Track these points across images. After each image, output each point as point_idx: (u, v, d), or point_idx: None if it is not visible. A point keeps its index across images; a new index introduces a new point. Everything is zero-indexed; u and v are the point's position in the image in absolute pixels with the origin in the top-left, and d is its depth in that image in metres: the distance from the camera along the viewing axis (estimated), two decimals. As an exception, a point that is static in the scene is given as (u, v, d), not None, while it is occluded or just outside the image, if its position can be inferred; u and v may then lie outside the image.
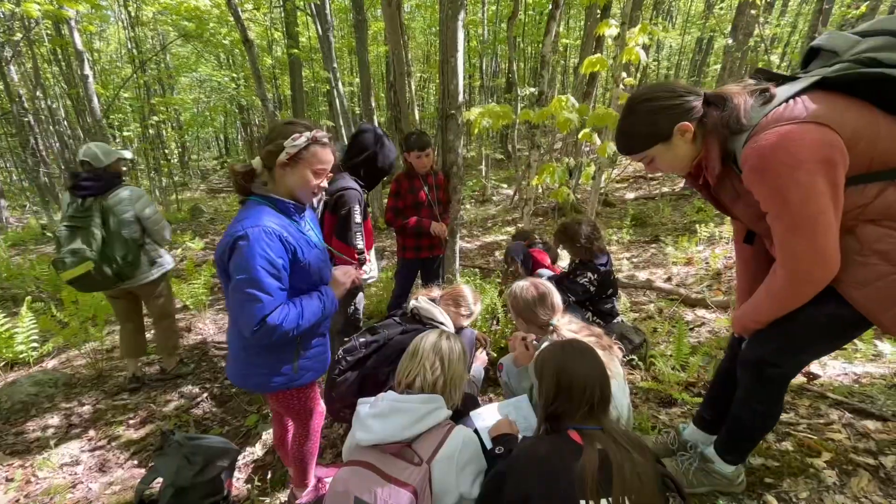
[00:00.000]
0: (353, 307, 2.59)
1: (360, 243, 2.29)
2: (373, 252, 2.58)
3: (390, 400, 1.31)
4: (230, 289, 1.37)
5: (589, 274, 2.68)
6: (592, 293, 2.70)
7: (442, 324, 2.04)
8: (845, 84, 1.09)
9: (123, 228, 2.55)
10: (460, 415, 1.77)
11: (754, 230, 1.41)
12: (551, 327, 1.80)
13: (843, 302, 1.19)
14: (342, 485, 1.23)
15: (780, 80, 1.20)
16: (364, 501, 1.17)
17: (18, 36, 9.47)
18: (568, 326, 1.80)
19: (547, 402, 1.24)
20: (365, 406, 1.33)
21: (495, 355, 2.78)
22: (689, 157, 1.29)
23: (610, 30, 3.34)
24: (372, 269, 2.51)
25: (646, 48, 3.37)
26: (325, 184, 1.52)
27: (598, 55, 3.35)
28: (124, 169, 2.81)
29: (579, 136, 3.47)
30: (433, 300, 2.18)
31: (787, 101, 1.11)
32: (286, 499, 1.99)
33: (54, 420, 2.78)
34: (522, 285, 1.94)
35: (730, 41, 7.11)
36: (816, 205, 1.08)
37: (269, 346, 1.48)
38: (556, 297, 1.89)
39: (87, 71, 6.97)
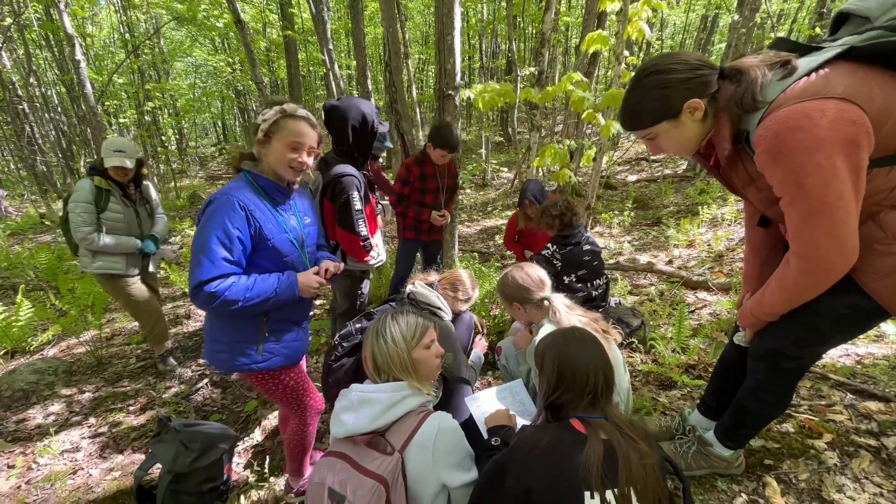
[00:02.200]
0: (360, 291, 2.56)
1: (363, 230, 2.24)
2: (379, 235, 2.52)
3: (358, 391, 1.28)
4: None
5: (550, 245, 2.57)
6: (558, 268, 2.56)
7: (439, 309, 2.01)
8: (876, 54, 0.97)
9: None
10: (453, 400, 1.76)
11: (767, 215, 1.32)
12: (545, 302, 1.78)
13: (862, 292, 1.13)
14: (318, 475, 1.22)
15: (803, 50, 1.08)
16: (336, 492, 1.15)
17: (8, 21, 9.29)
18: (562, 301, 1.78)
19: (548, 392, 1.19)
20: (340, 399, 1.32)
21: (494, 338, 2.77)
22: (697, 137, 1.19)
23: (612, 4, 3.23)
24: (380, 253, 2.47)
25: (649, 25, 3.24)
26: (304, 158, 1.48)
27: (600, 31, 3.25)
28: (115, 170, 2.66)
29: (582, 116, 3.39)
30: (430, 285, 2.15)
31: (808, 74, 1.00)
32: (284, 485, 1.99)
33: (55, 407, 2.79)
34: (506, 273, 1.94)
35: (736, 17, 6.91)
36: (836, 190, 0.98)
37: (233, 323, 1.49)
38: (539, 271, 1.88)
39: (79, 55, 6.83)
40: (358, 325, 1.95)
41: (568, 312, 1.72)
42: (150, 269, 2.98)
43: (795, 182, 1.01)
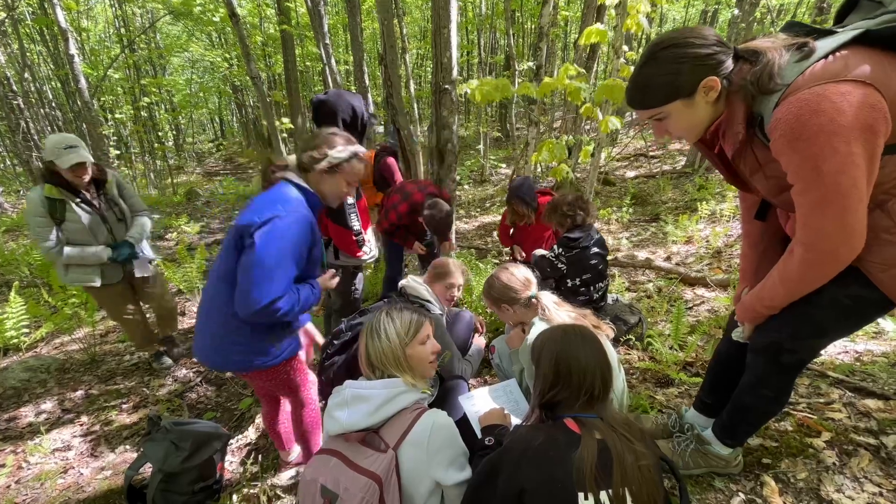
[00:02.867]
0: (353, 287, 2.54)
1: (355, 224, 2.22)
2: (371, 231, 2.51)
3: (352, 388, 1.27)
4: (245, 262, 1.38)
5: (556, 248, 2.47)
6: (563, 272, 2.48)
7: (428, 301, 2.00)
8: (891, 38, 0.95)
9: None
10: (448, 398, 1.74)
11: (772, 202, 1.28)
12: (533, 299, 1.75)
13: (867, 282, 1.10)
14: (311, 473, 1.21)
15: (817, 34, 1.04)
16: (329, 489, 1.14)
17: (2, 15, 9.20)
18: (550, 298, 1.76)
19: (544, 390, 1.15)
20: (334, 396, 1.30)
21: (490, 335, 2.75)
22: (707, 120, 1.14)
23: (611, -3, 3.19)
24: (371, 248, 2.45)
25: (648, 19, 3.20)
26: (353, 193, 1.71)
27: (598, 25, 3.21)
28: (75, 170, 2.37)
29: (581, 110, 3.35)
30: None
31: (825, 57, 0.97)
32: (280, 482, 1.97)
33: (47, 405, 2.77)
34: (491, 275, 1.92)
35: (735, 12, 6.86)
36: (851, 178, 0.95)
37: (255, 326, 1.49)
38: (524, 270, 1.86)
39: (73, 50, 6.76)
40: (350, 322, 1.93)
41: (557, 309, 1.70)
42: (137, 273, 2.72)
43: (813, 168, 0.97)
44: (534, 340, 1.28)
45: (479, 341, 2.32)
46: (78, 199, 2.47)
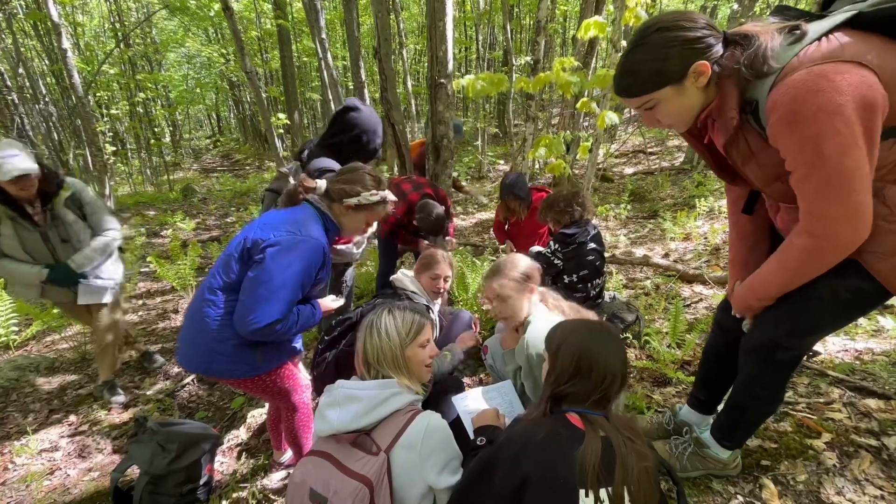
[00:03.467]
0: (343, 284, 2.50)
1: None
2: None
3: (345, 388, 1.24)
4: (252, 279, 1.39)
5: (552, 244, 2.41)
6: (560, 267, 2.43)
7: (414, 293, 1.97)
8: (884, 21, 0.92)
9: None
10: (442, 399, 1.70)
11: (765, 192, 1.24)
12: (539, 291, 1.72)
13: (865, 274, 1.06)
14: (300, 475, 1.17)
15: (807, 17, 1.03)
16: (318, 493, 1.11)
17: (-5, 9, 9.09)
18: (551, 294, 1.74)
19: (559, 381, 1.11)
20: (326, 395, 1.26)
21: (485, 333, 2.71)
22: (698, 107, 1.10)
23: (609, -9, 3.14)
24: (361, 245, 2.42)
25: (648, 13, 3.15)
26: (372, 229, 1.74)
27: (596, 18, 3.16)
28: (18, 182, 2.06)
29: (577, 105, 3.30)
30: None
31: (818, 39, 0.94)
32: (271, 485, 1.93)
33: (35, 405, 2.72)
34: (513, 256, 1.84)
35: (735, 7, 6.81)
36: (853, 159, 0.91)
37: (242, 340, 1.46)
38: (525, 262, 1.80)
39: (66, 44, 6.69)
40: (340, 319, 1.91)
41: (558, 305, 1.67)
42: (80, 301, 2.39)
43: (813, 149, 0.94)
44: (551, 330, 1.22)
45: (469, 337, 2.26)
46: (14, 214, 2.15)
